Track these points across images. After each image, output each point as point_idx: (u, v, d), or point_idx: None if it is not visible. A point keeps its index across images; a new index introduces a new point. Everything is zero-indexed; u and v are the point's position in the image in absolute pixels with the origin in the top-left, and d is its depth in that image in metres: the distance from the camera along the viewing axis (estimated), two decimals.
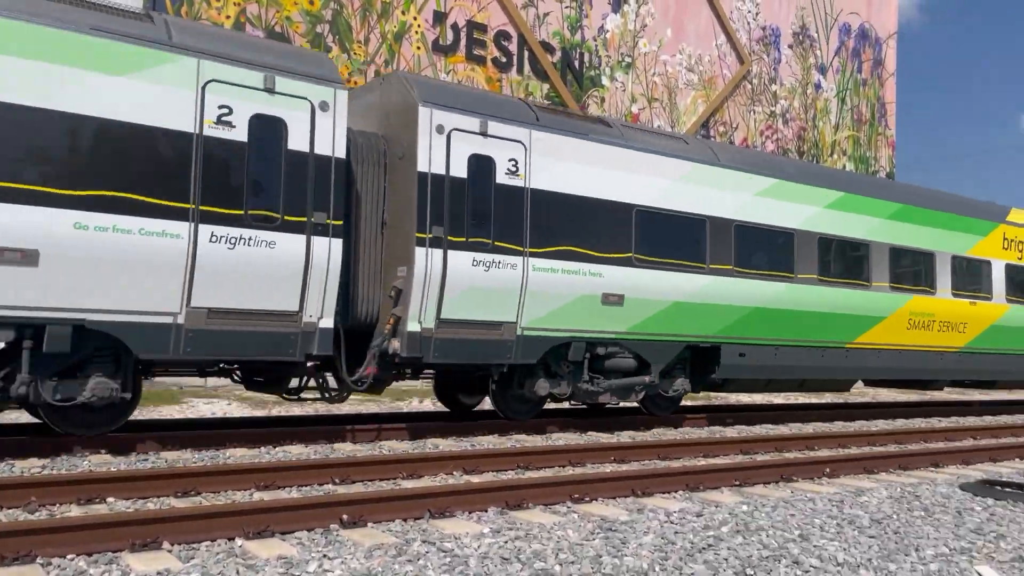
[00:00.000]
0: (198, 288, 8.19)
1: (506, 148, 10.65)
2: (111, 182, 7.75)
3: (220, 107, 8.42)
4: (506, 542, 5.06)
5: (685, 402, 14.81)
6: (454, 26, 24.77)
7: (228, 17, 20.86)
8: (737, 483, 7.73)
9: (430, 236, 9.80)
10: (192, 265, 8.12)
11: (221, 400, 16.48)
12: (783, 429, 13.65)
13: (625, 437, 11.34)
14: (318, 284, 8.94)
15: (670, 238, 12.40)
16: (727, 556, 5.18)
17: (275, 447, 8.87)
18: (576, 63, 27.61)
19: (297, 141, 8.90)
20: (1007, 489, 7.93)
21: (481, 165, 10.38)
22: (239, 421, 11.57)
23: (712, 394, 21.13)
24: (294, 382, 10.07)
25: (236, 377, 10.27)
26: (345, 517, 5.32)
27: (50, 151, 7.51)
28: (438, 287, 9.89)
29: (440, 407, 14.26)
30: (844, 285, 14.67)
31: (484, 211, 10.41)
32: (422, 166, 9.84)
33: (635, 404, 13.19)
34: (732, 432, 12.49)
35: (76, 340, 7.59)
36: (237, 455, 8.22)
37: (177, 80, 8.19)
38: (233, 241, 8.38)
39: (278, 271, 8.71)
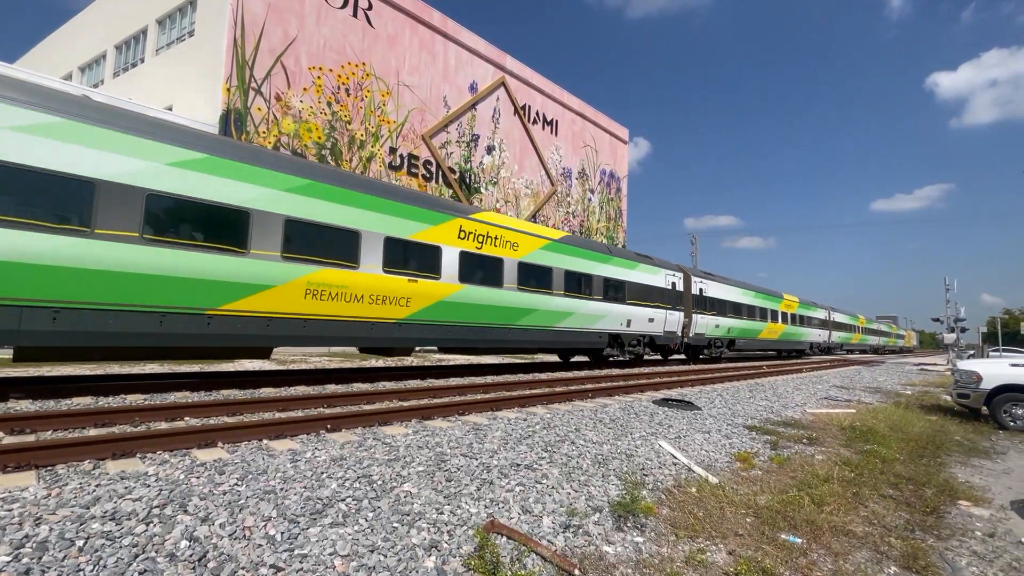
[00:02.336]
0: None
1: None
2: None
3: None
4: (421, 437, 5.10)
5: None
6: (401, 156, 24.29)
7: (269, 143, 19.29)
8: (545, 403, 7.87)
9: None
10: None
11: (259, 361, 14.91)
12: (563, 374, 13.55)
13: (490, 379, 11.20)
14: None
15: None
16: (538, 440, 5.40)
17: (289, 387, 8.42)
18: (467, 180, 27.73)
19: None
20: (672, 402, 8.53)
21: None
22: (265, 372, 10.66)
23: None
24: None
25: None
26: (329, 426, 5.22)
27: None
28: None
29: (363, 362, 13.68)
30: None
31: None
32: None
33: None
34: (543, 376, 12.18)
35: None
36: (265, 393, 7.76)
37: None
38: None
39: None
